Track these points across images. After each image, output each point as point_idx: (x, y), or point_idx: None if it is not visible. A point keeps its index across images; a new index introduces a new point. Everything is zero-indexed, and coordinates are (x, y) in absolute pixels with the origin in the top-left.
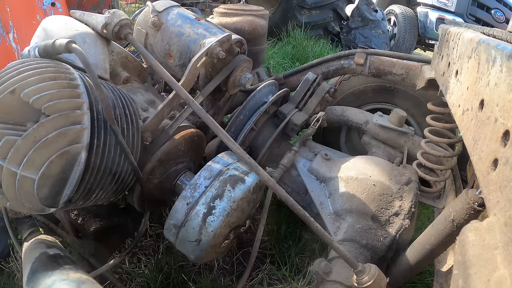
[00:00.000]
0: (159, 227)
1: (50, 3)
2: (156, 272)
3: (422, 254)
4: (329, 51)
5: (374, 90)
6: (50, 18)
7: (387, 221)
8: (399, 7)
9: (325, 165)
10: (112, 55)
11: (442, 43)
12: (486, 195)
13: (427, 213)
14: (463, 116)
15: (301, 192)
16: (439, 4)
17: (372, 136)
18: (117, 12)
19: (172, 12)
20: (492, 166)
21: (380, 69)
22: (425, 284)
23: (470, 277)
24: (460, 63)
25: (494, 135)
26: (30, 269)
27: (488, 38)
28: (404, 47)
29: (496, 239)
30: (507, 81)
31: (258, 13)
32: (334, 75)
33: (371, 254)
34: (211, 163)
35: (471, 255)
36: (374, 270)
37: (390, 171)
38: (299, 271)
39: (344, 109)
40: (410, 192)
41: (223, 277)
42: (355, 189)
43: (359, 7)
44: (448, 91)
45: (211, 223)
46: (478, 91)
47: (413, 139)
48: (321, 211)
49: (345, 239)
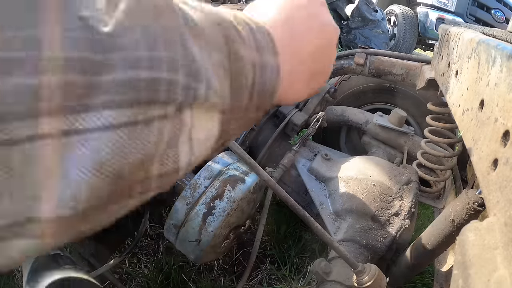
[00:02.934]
0: (159, 227)
1: None
2: (156, 272)
3: (422, 254)
4: None
5: (374, 90)
6: None
7: (387, 221)
8: (399, 7)
9: (325, 165)
10: None
11: (442, 43)
12: (486, 195)
13: (427, 213)
14: (463, 116)
15: (301, 192)
16: (439, 4)
17: (372, 136)
18: None
19: None
20: (492, 166)
21: (380, 69)
22: (425, 284)
23: (470, 277)
24: (460, 63)
25: (494, 135)
26: (30, 269)
27: (488, 38)
28: (404, 47)
29: (496, 239)
30: (507, 81)
31: None
32: (334, 75)
33: (371, 254)
34: (211, 163)
35: (471, 255)
36: (374, 270)
37: (390, 171)
38: (299, 271)
39: (344, 109)
40: (410, 192)
41: (223, 277)
42: (355, 189)
43: (359, 7)
44: (448, 91)
45: (211, 223)
46: (478, 91)
47: (413, 139)
48: (321, 211)
49: (345, 239)
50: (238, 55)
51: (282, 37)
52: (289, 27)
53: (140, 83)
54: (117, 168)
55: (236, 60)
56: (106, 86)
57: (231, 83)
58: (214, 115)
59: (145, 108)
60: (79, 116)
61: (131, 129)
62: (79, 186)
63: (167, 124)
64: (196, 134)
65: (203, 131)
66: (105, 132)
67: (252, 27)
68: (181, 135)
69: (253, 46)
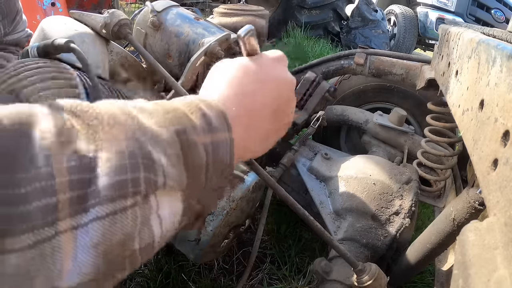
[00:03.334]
0: None
1: (50, 3)
2: (155, 272)
3: (423, 253)
4: (329, 51)
5: (374, 89)
6: (49, 18)
7: (388, 220)
8: (399, 7)
9: (325, 164)
10: (111, 55)
11: (442, 43)
12: (486, 195)
13: (427, 212)
14: (463, 116)
15: (301, 192)
16: (439, 4)
17: (372, 136)
18: (116, 12)
19: (171, 12)
20: (492, 166)
21: (380, 69)
22: (426, 284)
23: (470, 277)
24: (460, 63)
25: (494, 135)
26: None
27: (488, 38)
28: (404, 47)
29: (496, 239)
30: (507, 81)
31: (258, 13)
32: (334, 75)
33: (372, 253)
34: None
35: (471, 255)
36: (375, 269)
37: (390, 170)
38: (299, 270)
39: (344, 109)
40: (411, 191)
41: (223, 277)
42: (355, 188)
43: (359, 7)
44: (448, 91)
45: (210, 223)
46: (478, 91)
47: (413, 138)
48: (321, 211)
49: (345, 238)
50: (190, 142)
51: (236, 111)
52: (240, 100)
53: (116, 184)
54: (107, 247)
55: (188, 147)
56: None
57: (186, 167)
58: (174, 194)
59: (120, 201)
60: (80, 216)
61: (112, 217)
62: (85, 264)
63: (138, 209)
64: (162, 212)
65: (168, 208)
66: (96, 222)
67: (204, 112)
68: (151, 215)
69: (205, 130)
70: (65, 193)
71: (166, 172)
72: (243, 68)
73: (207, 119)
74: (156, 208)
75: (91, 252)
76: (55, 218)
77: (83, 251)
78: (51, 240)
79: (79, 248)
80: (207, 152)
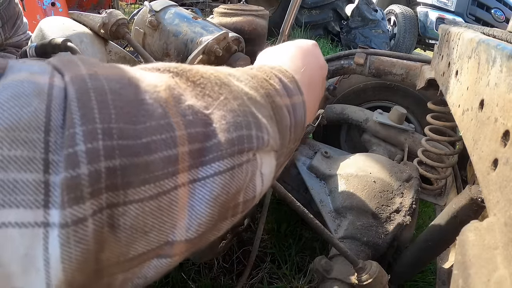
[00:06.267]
0: None
1: (50, 3)
2: None
3: (424, 251)
4: (329, 51)
5: (374, 88)
6: (48, 18)
7: (388, 218)
8: (399, 7)
9: (325, 163)
10: (110, 55)
11: (442, 43)
12: (486, 195)
13: (428, 211)
14: (463, 116)
15: (301, 190)
16: (439, 3)
17: (373, 134)
18: (114, 12)
19: (170, 12)
20: (492, 166)
21: (380, 69)
22: (427, 283)
23: (470, 277)
24: (460, 63)
25: (494, 135)
26: None
27: (488, 38)
28: (404, 47)
29: (496, 239)
30: (507, 81)
31: (258, 13)
32: (334, 75)
33: (372, 251)
34: None
35: (471, 255)
36: (375, 268)
37: (390, 168)
38: (299, 269)
39: (344, 107)
40: (411, 189)
41: (223, 276)
42: (355, 186)
43: (359, 7)
44: (448, 91)
45: None
46: (478, 91)
47: (413, 136)
48: (321, 209)
49: (346, 236)
50: (277, 104)
51: (302, 80)
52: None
53: (235, 140)
54: (224, 200)
55: (276, 109)
56: (215, 147)
57: (278, 128)
58: (272, 154)
59: (238, 156)
60: (199, 169)
61: (231, 172)
62: (202, 216)
63: (249, 165)
64: (264, 170)
65: (268, 167)
66: (217, 176)
67: (280, 78)
68: (256, 172)
69: (284, 94)
70: (184, 145)
71: (268, 131)
72: (297, 48)
73: (284, 84)
74: (260, 165)
75: (209, 206)
76: (175, 170)
77: (200, 204)
78: (170, 193)
79: (196, 202)
80: (290, 113)
